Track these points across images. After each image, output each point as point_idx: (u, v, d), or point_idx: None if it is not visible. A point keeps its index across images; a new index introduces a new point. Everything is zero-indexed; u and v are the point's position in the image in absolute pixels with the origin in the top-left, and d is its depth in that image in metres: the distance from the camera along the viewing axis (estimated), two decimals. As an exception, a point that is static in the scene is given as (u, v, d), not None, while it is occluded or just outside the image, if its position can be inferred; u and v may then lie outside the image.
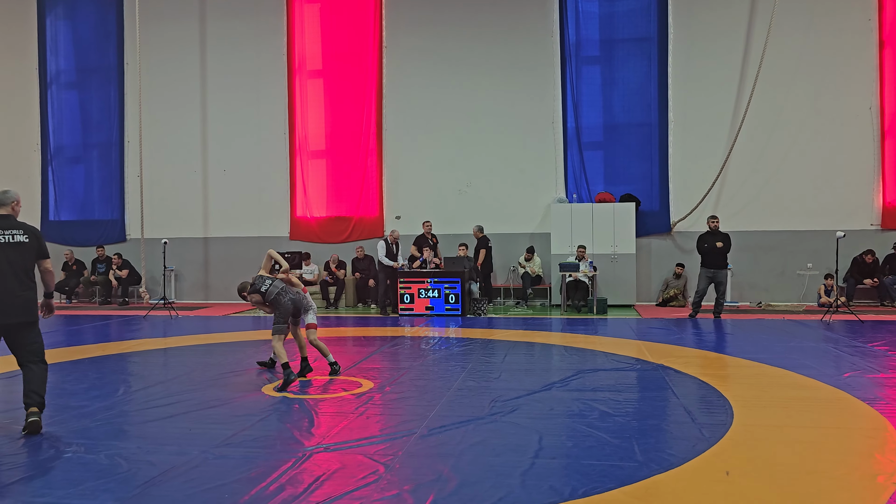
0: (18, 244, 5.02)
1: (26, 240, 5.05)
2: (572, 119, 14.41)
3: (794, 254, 13.69)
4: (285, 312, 6.79)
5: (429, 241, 13.43)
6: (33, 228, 5.23)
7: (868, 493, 3.67)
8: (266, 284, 6.86)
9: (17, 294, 4.96)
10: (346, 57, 15.20)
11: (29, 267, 5.08)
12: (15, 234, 5.02)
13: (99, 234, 15.98)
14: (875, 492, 3.68)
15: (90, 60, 16.17)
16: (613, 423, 5.10)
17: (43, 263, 5.21)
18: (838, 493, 3.67)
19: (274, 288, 6.84)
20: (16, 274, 4.96)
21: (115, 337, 10.09)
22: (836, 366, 7.27)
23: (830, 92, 13.59)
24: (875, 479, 3.89)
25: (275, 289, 6.84)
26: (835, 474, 3.96)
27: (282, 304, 6.77)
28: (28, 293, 5.04)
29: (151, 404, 5.84)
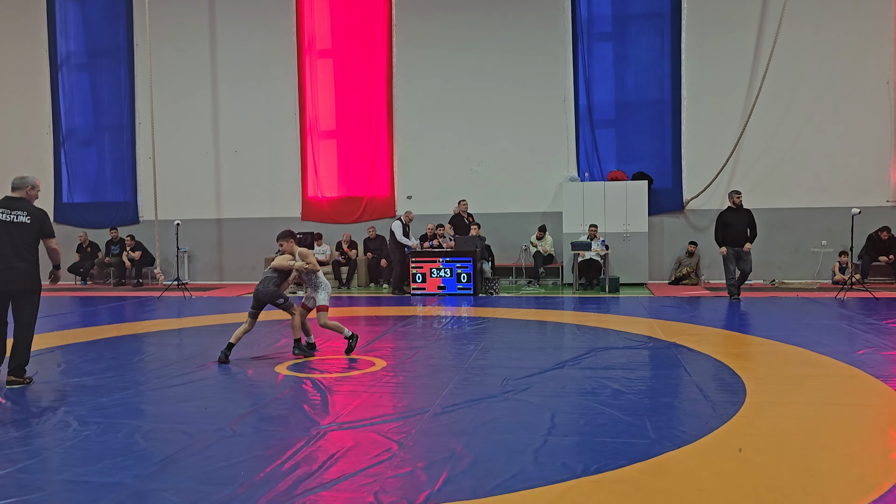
0: (20, 224, 5.75)
1: (28, 221, 5.78)
2: (584, 97, 14.29)
3: (809, 231, 13.58)
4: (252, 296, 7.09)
5: (465, 220, 13.38)
6: (39, 211, 5.89)
7: (881, 469, 3.66)
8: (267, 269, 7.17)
9: (14, 265, 5.69)
10: (355, 36, 15.12)
11: (28, 243, 5.77)
12: (18, 215, 5.76)
13: (112, 216, 16.08)
14: (888, 468, 3.67)
15: (100, 42, 16.17)
16: (626, 400, 5.10)
17: (47, 242, 5.89)
18: (851, 470, 3.66)
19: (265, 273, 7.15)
20: (15, 248, 5.69)
21: (130, 318, 10.20)
22: (850, 343, 7.24)
23: (847, 67, 13.38)
24: (888, 455, 3.88)
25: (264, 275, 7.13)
26: (848, 451, 3.95)
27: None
28: (24, 265, 5.74)
29: (167, 384, 5.90)
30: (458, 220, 13.42)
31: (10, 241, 5.68)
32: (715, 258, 13.97)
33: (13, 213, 5.75)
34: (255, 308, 7.03)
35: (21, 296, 5.78)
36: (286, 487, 3.52)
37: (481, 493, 3.43)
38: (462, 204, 13.61)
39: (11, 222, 5.73)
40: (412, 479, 3.63)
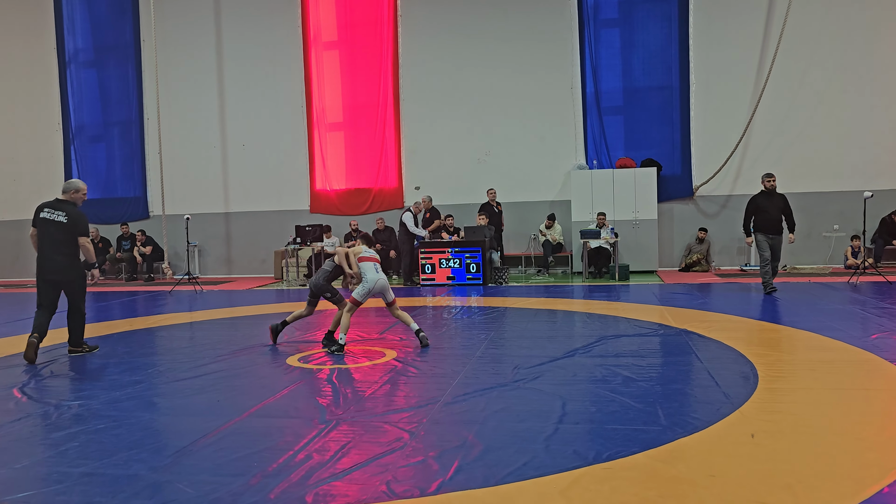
0: (58, 223, 6.70)
1: (65, 221, 6.71)
2: (591, 84, 14.21)
3: (821, 216, 13.48)
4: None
5: (494, 208, 13.38)
6: (77, 213, 6.80)
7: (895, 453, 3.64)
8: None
9: (53, 258, 6.68)
10: (361, 28, 15.08)
11: (64, 240, 6.70)
12: (59, 215, 6.71)
13: (123, 212, 16.17)
14: (903, 452, 3.65)
15: (107, 38, 16.21)
16: (637, 387, 5.09)
17: (80, 241, 6.78)
18: (865, 454, 3.64)
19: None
20: (53, 244, 6.68)
21: (142, 312, 10.26)
22: (864, 327, 7.19)
23: (858, 47, 13.24)
24: (903, 439, 3.86)
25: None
26: (862, 435, 3.93)
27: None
28: (61, 258, 6.70)
29: (179, 377, 5.94)
30: (489, 208, 13.40)
31: (50, 237, 6.67)
32: (725, 244, 13.93)
33: (55, 213, 6.70)
34: (311, 296, 7.26)
35: (64, 285, 6.79)
36: (299, 478, 3.54)
37: (493, 481, 3.43)
38: (491, 192, 13.57)
39: (52, 221, 6.69)
40: (424, 469, 3.64)
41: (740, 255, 13.88)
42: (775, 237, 9.99)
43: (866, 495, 3.13)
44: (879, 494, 3.14)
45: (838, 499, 3.10)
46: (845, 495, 3.14)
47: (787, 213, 10.01)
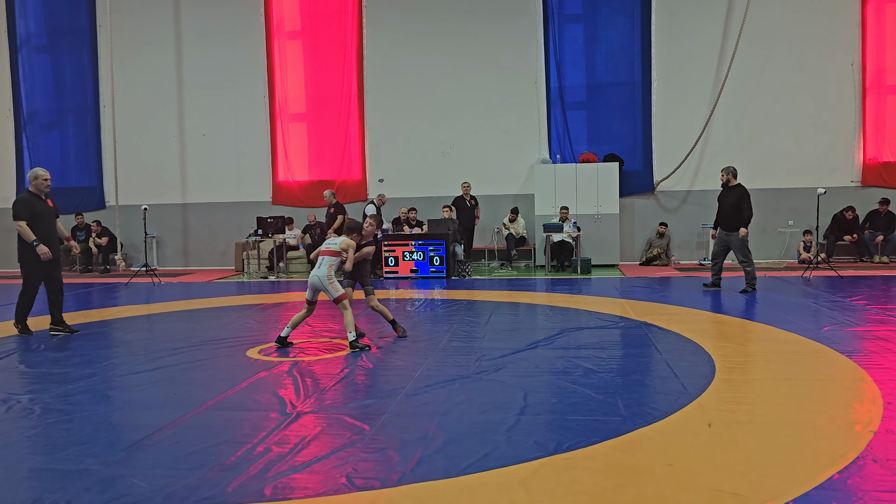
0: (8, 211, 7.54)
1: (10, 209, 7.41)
2: (555, 79, 14.28)
3: (777, 211, 13.78)
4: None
5: (467, 202, 13.37)
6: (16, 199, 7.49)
7: (846, 441, 3.73)
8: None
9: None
10: (325, 18, 14.91)
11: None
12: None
13: (77, 202, 15.75)
14: (853, 440, 3.75)
15: (61, 23, 15.74)
16: (598, 379, 5.14)
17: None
18: (818, 443, 3.73)
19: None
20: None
21: (96, 304, 10.01)
22: (816, 320, 7.37)
23: (813, 48, 13.55)
24: (853, 427, 3.96)
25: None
26: (814, 424, 4.03)
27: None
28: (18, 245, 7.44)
29: (135, 370, 5.81)
30: (461, 202, 13.48)
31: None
32: (685, 239, 14.17)
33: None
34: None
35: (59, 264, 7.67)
36: (258, 471, 3.49)
37: (454, 472, 3.43)
38: (465, 186, 13.61)
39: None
40: (385, 460, 3.61)
41: (699, 249, 14.12)
42: (725, 233, 9.86)
43: (818, 482, 3.20)
44: (830, 481, 3.22)
45: (791, 486, 3.17)
46: (798, 482, 3.21)
47: (739, 207, 9.70)
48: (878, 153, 13.55)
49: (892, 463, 3.42)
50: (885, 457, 3.50)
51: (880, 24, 13.42)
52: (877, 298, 8.81)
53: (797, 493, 3.10)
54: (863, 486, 3.18)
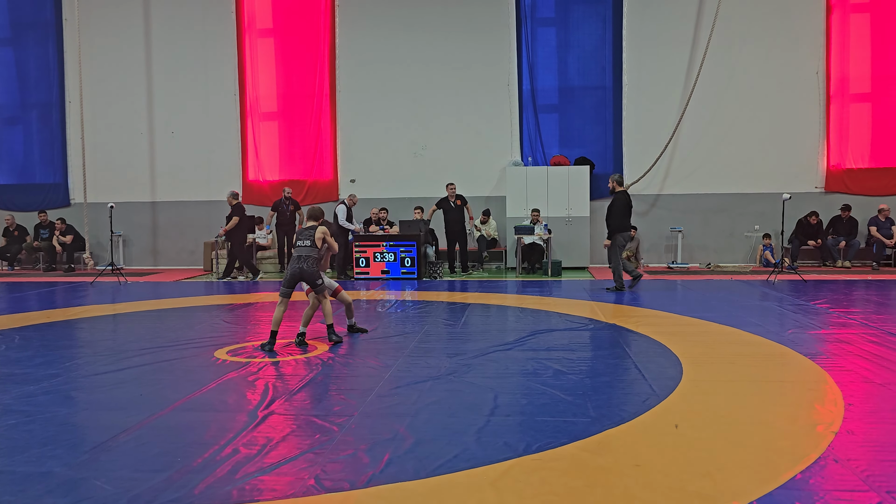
0: None
1: None
2: (528, 81, 14.36)
3: (743, 216, 14.02)
4: (289, 278, 6.55)
5: (452, 203, 13.04)
6: None
7: (809, 441, 3.81)
8: (302, 241, 6.56)
9: None
10: (297, 16, 14.80)
11: None
12: None
13: (41, 199, 15.43)
14: (815, 440, 3.83)
15: (25, 16, 15.39)
16: (567, 380, 5.18)
17: None
18: (781, 442, 3.80)
19: (298, 250, 6.54)
20: None
21: (60, 304, 9.81)
22: (780, 323, 7.51)
23: (780, 56, 13.81)
24: (815, 428, 4.04)
25: (298, 251, 6.53)
26: (778, 425, 4.10)
27: (290, 266, 6.57)
28: None
29: (100, 370, 5.70)
30: (446, 203, 13.10)
31: None
32: (654, 242, 14.34)
33: None
34: (290, 287, 6.57)
35: None
36: (225, 473, 3.45)
37: (424, 473, 3.42)
38: (450, 187, 13.09)
39: None
40: (354, 462, 3.60)
41: (668, 252, 14.30)
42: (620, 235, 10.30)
43: (780, 481, 3.27)
44: (792, 481, 3.28)
45: (755, 485, 3.23)
46: (761, 481, 3.27)
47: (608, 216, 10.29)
48: (842, 160, 13.86)
49: (852, 463, 3.50)
50: (845, 457, 3.58)
51: (844, 34, 13.73)
52: (839, 302, 9.01)
53: (761, 492, 3.15)
54: (824, 486, 3.26)
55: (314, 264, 6.53)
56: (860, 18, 13.72)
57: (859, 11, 13.71)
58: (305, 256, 6.50)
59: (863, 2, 13.69)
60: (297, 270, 6.50)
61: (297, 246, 6.60)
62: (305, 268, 6.48)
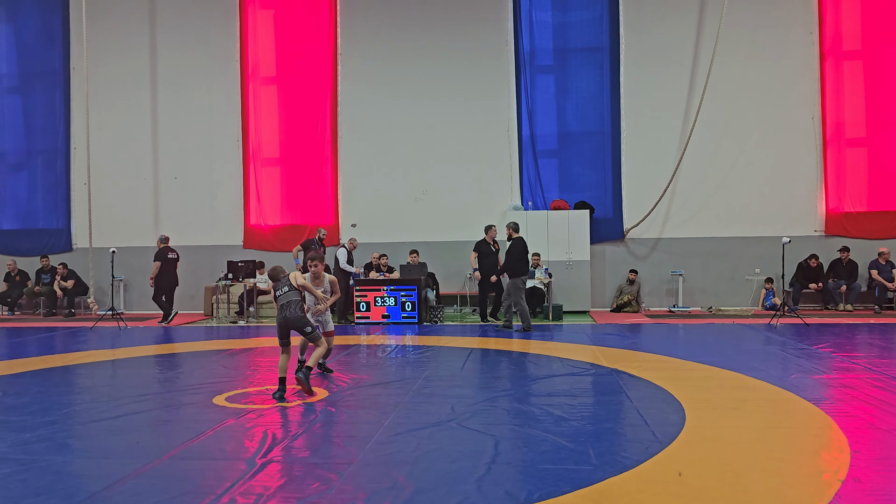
0: None
1: None
2: (527, 127, 14.54)
3: (743, 259, 14.03)
4: (278, 328, 6.51)
5: (491, 247, 12.27)
6: None
7: (815, 490, 3.75)
8: (282, 290, 6.53)
9: None
10: (300, 64, 15.07)
11: None
12: None
13: (43, 244, 15.48)
14: (821, 489, 3.76)
15: (34, 65, 15.69)
16: (568, 427, 5.12)
17: None
18: (787, 491, 3.74)
19: (283, 298, 6.50)
20: None
21: (59, 349, 9.76)
22: (784, 368, 7.45)
23: (775, 103, 14.00)
24: (821, 476, 3.98)
25: (283, 298, 6.50)
26: (783, 473, 4.04)
27: (277, 318, 6.53)
28: None
29: (97, 417, 5.65)
30: (485, 247, 12.17)
31: None
32: (655, 286, 14.31)
33: None
34: (284, 338, 6.53)
35: None
36: (221, 523, 3.39)
37: (423, 523, 3.36)
38: (492, 231, 12.27)
39: None
40: (353, 512, 3.54)
41: (669, 296, 14.27)
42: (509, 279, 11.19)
43: (787, 532, 3.20)
44: (799, 531, 3.22)
45: (761, 536, 3.16)
46: (767, 532, 3.20)
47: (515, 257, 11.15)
48: (840, 204, 13.93)
49: (859, 512, 3.44)
50: (852, 506, 3.52)
51: (838, 81, 13.95)
52: (842, 346, 8.95)
53: (767, 543, 3.09)
54: (831, 536, 3.19)
55: (298, 307, 6.46)
56: (853, 65, 13.96)
57: (852, 59, 13.95)
58: (287, 303, 6.47)
59: (855, 49, 13.94)
60: (281, 320, 6.47)
61: (278, 296, 6.54)
62: (289, 315, 6.42)
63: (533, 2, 14.54)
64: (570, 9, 14.49)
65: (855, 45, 13.93)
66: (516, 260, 11.01)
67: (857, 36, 13.92)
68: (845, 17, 13.93)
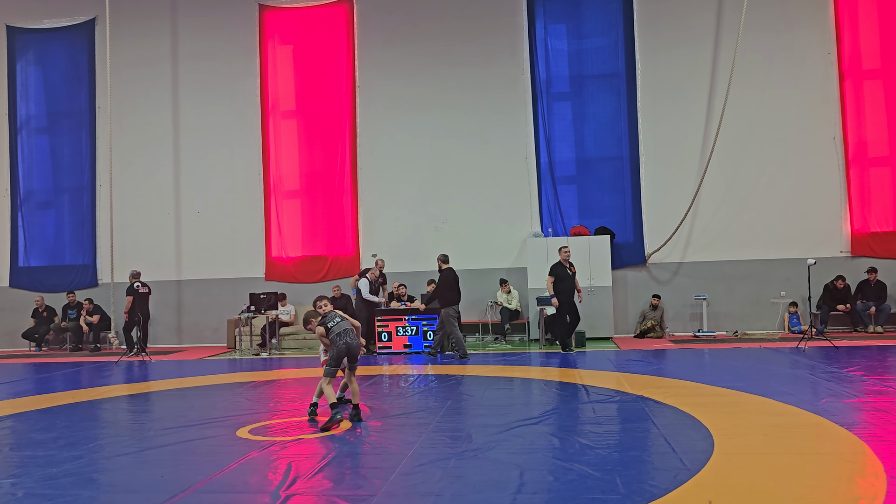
0: None
1: None
2: (545, 154, 14.58)
3: (768, 282, 13.84)
4: (337, 355, 6.56)
5: (567, 270, 11.88)
6: None
7: (850, 517, 3.65)
8: (335, 321, 6.64)
9: None
10: (319, 97, 15.30)
11: None
12: None
13: (70, 280, 15.73)
14: (857, 516, 3.66)
15: (61, 105, 16.11)
16: (595, 455, 5.04)
17: None
18: (821, 519, 3.64)
19: (338, 327, 6.60)
20: None
21: (85, 384, 9.85)
22: (814, 392, 7.30)
23: (795, 124, 13.92)
24: (857, 503, 3.87)
25: (339, 328, 6.59)
26: (816, 500, 3.94)
27: (337, 346, 6.55)
28: None
29: (122, 451, 5.67)
30: (562, 270, 11.71)
31: None
32: (679, 311, 14.16)
33: None
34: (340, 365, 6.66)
35: None
36: (245, 557, 3.37)
37: (449, 556, 3.32)
38: (565, 251, 11.96)
39: None
40: (377, 544, 3.50)
41: (693, 321, 14.10)
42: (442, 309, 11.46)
43: (823, 562, 3.11)
44: (836, 560, 3.12)
45: (796, 566, 3.08)
46: (803, 562, 3.11)
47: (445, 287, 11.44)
48: (865, 224, 13.74)
49: (898, 540, 3.34)
50: (890, 534, 3.41)
51: (858, 100, 13.85)
52: (873, 369, 8.76)
53: (803, 573, 3.00)
54: (870, 566, 3.09)
55: (355, 335, 6.64)
56: (873, 84, 13.86)
57: (872, 78, 13.87)
58: (344, 331, 6.57)
59: (875, 68, 13.86)
60: (343, 346, 6.51)
61: (331, 327, 6.58)
62: (350, 340, 6.54)
63: (548, 30, 14.68)
64: (585, 36, 14.60)
65: (874, 63, 13.86)
66: (447, 290, 11.30)
67: (876, 55, 13.85)
68: (863, 37, 13.88)
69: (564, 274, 11.66)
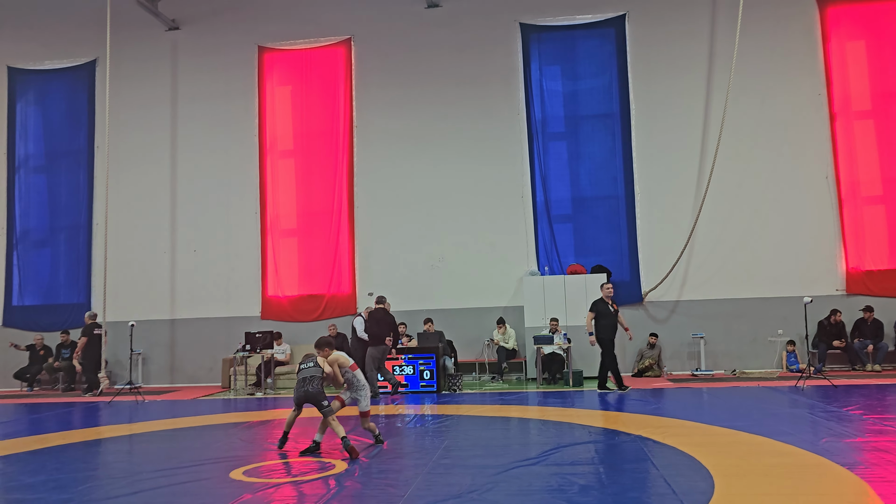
0: None
1: None
2: (541, 193, 14.68)
3: (765, 320, 13.83)
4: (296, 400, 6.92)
5: (609, 306, 11.64)
6: None
7: (855, 560, 3.58)
8: (306, 365, 6.88)
9: None
10: (317, 137, 15.45)
11: None
12: None
13: (63, 319, 15.64)
14: (861, 559, 3.60)
15: (60, 145, 16.22)
16: (593, 497, 4.97)
17: None
18: (825, 563, 3.58)
19: (302, 374, 6.84)
20: None
21: (77, 424, 9.71)
22: (813, 431, 7.24)
23: (787, 163, 14.08)
24: (860, 546, 3.81)
25: (303, 374, 6.84)
26: (820, 543, 3.87)
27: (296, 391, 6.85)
28: None
29: (113, 494, 5.57)
30: (604, 307, 11.56)
31: None
32: (676, 349, 14.10)
33: None
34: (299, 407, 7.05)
35: None
36: None
37: None
38: (607, 288, 11.79)
39: None
40: (373, 590, 3.42)
41: (691, 359, 14.04)
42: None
43: None
44: None
45: None
46: None
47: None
48: (860, 262, 13.79)
49: (903, 584, 3.27)
50: (895, 577, 3.35)
51: (850, 140, 14.03)
52: (873, 408, 8.70)
53: None
54: None
55: (318, 384, 6.78)
56: (864, 125, 14.06)
57: (862, 118, 14.07)
58: (310, 377, 6.79)
59: (865, 109, 14.08)
60: (302, 393, 6.77)
61: (301, 369, 6.87)
62: (310, 389, 6.74)
63: (543, 72, 14.91)
64: (579, 77, 14.83)
65: (864, 105, 14.08)
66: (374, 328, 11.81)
67: (866, 96, 14.08)
68: (853, 79, 14.14)
69: (606, 311, 11.51)
